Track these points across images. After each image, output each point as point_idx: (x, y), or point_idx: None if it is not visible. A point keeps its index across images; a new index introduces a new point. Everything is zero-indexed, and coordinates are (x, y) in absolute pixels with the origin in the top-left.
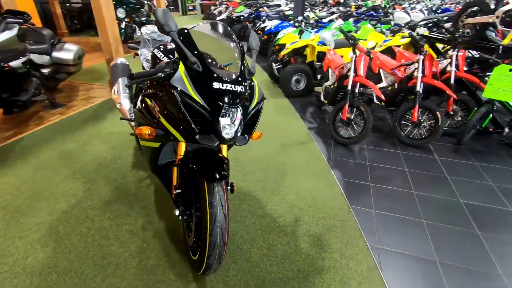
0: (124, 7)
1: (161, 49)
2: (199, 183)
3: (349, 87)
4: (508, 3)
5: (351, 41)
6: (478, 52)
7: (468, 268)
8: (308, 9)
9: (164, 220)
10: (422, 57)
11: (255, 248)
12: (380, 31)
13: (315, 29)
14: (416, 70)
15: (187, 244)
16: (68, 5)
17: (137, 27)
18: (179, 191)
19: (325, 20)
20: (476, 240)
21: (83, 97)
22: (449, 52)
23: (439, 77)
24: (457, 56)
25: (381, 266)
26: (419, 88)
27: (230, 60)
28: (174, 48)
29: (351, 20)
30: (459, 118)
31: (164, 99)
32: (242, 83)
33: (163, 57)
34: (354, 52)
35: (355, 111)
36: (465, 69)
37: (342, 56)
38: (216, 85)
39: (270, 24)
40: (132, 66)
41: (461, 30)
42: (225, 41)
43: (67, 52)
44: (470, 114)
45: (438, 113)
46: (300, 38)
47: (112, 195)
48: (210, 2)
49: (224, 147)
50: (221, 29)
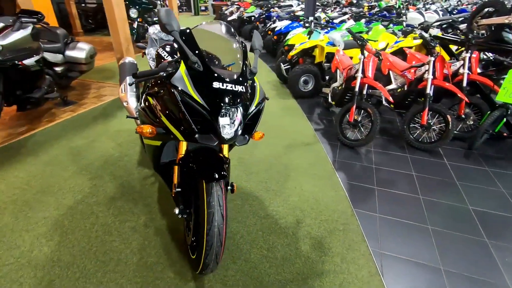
0: (137, 7)
1: (166, 48)
2: (198, 182)
3: (357, 88)
4: None
5: (359, 42)
6: (493, 54)
7: (475, 277)
8: (320, 9)
9: (166, 218)
10: (433, 58)
11: (255, 249)
12: (392, 32)
13: (324, 30)
14: (427, 72)
15: (187, 242)
16: (83, 5)
17: (149, 27)
18: (179, 189)
19: (336, 21)
20: (485, 248)
21: (94, 95)
22: (462, 54)
23: (452, 79)
24: (470, 58)
25: (382, 272)
26: (429, 90)
27: (233, 60)
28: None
29: (363, 20)
30: (471, 122)
31: (165, 98)
32: (243, 83)
33: (167, 57)
34: (363, 53)
35: (362, 113)
36: (479, 71)
37: (352, 58)
38: (217, 84)
39: (280, 25)
40: (140, 65)
41: (475, 32)
42: (229, 40)
43: (80, 51)
44: (483, 118)
45: (449, 116)
46: (309, 38)
47: (117, 192)
48: (222, 3)
49: (225, 147)
50: (224, 28)
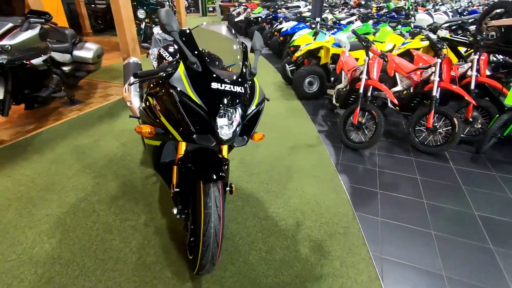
0: (145, 8)
1: (169, 49)
2: (196, 182)
3: (361, 90)
4: None
5: (364, 43)
6: (503, 57)
7: (478, 285)
8: (327, 10)
9: (166, 218)
10: (439, 60)
11: (253, 251)
12: (400, 33)
13: (331, 31)
14: (433, 74)
15: (185, 243)
16: (93, 6)
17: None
18: (177, 190)
19: (343, 22)
20: (489, 255)
21: (101, 94)
22: (471, 56)
23: (459, 81)
24: (478, 60)
25: (382, 276)
26: (436, 93)
27: (234, 60)
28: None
29: (370, 22)
30: (479, 126)
31: (164, 99)
32: (242, 84)
33: (168, 57)
34: (367, 55)
35: (366, 115)
36: (488, 73)
37: (358, 59)
38: (215, 85)
39: (287, 26)
40: (145, 65)
41: (485, 33)
42: (229, 41)
43: (87, 51)
44: (491, 122)
45: (455, 119)
46: (314, 39)
47: (119, 191)
48: (230, 4)
49: (224, 148)
50: (224, 29)
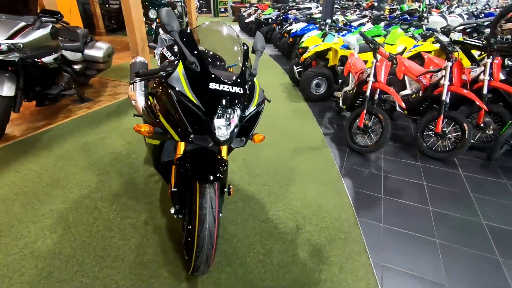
0: (156, 8)
1: (171, 49)
2: (193, 183)
3: (368, 93)
4: None
5: (371, 45)
6: None
7: None
8: (338, 12)
9: (166, 217)
10: (450, 64)
11: (251, 253)
12: (412, 35)
13: (341, 33)
14: (443, 78)
15: (182, 243)
16: (107, 6)
17: None
18: (175, 189)
19: (355, 24)
20: (496, 266)
21: (110, 93)
22: (484, 59)
23: (471, 86)
24: (491, 64)
25: (382, 284)
26: (445, 97)
27: (235, 61)
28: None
29: (382, 24)
30: (491, 132)
31: (163, 98)
32: (241, 84)
33: (170, 57)
34: (375, 57)
35: (373, 118)
36: (502, 78)
37: (367, 62)
38: (213, 85)
39: (296, 27)
40: (153, 65)
41: (499, 36)
42: (231, 41)
43: (98, 50)
44: (503, 127)
45: (465, 124)
46: (323, 41)
47: (122, 189)
48: (241, 5)
49: (224, 149)
50: (226, 29)
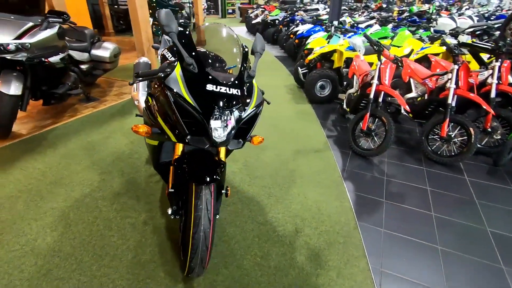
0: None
1: (172, 50)
2: (189, 184)
3: (372, 95)
4: None
5: (375, 47)
6: None
7: None
8: (346, 14)
9: (165, 217)
10: (456, 67)
11: (249, 256)
12: (419, 38)
13: (347, 35)
14: (449, 81)
15: (179, 244)
16: (116, 7)
17: None
18: (172, 190)
19: (362, 26)
20: (499, 276)
21: (115, 93)
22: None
23: (479, 89)
24: (500, 67)
25: None
26: (451, 100)
27: (235, 62)
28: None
29: (390, 26)
30: (499, 137)
31: (161, 99)
32: (239, 86)
33: (170, 57)
34: (379, 59)
35: (376, 121)
36: (511, 81)
37: (372, 64)
38: (210, 87)
39: (302, 28)
40: (157, 66)
41: (509, 39)
42: (230, 43)
43: (104, 50)
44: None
45: (472, 129)
46: (328, 43)
47: (123, 188)
48: (249, 6)
49: (222, 150)
50: (225, 30)
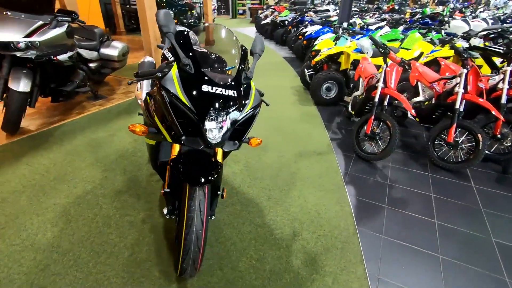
0: (173, 9)
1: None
2: (184, 185)
3: (377, 98)
4: None
5: (381, 49)
6: None
7: None
8: (356, 15)
9: (163, 216)
10: (465, 71)
11: (244, 258)
12: (430, 40)
13: (356, 36)
14: (458, 85)
15: (174, 243)
16: (127, 6)
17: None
18: (167, 190)
19: (372, 27)
20: None
21: (123, 91)
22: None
23: (490, 94)
24: (511, 72)
25: None
26: (459, 105)
27: (233, 63)
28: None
29: (401, 28)
30: (509, 144)
31: (158, 99)
32: (235, 87)
33: (170, 57)
34: (385, 62)
35: (381, 125)
36: None
37: (380, 66)
38: (206, 88)
39: (311, 29)
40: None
41: None
42: (230, 43)
43: (113, 49)
44: None
45: (480, 135)
46: (335, 44)
47: (124, 186)
48: (259, 6)
49: (219, 152)
50: (224, 31)
